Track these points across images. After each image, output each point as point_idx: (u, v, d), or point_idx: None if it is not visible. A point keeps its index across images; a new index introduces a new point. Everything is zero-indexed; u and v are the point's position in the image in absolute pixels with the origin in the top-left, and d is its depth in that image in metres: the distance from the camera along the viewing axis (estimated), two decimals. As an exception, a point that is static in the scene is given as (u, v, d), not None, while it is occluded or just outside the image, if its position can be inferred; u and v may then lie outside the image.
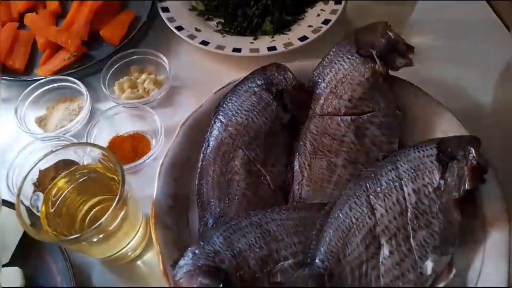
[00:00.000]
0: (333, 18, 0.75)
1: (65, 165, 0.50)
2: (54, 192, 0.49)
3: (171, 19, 0.77)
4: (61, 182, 0.49)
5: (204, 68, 0.76)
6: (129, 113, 0.67)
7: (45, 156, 0.47)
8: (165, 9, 0.78)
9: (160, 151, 0.63)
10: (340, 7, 0.76)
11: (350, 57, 0.58)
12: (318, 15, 0.77)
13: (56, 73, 0.71)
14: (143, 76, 0.70)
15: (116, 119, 0.67)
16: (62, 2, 0.83)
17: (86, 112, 0.67)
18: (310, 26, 0.75)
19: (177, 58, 0.77)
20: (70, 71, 0.70)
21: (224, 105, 0.58)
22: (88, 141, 0.64)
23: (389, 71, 0.57)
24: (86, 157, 0.51)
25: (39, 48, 0.76)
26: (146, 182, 0.57)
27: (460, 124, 0.55)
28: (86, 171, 0.51)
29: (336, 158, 0.54)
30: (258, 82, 0.59)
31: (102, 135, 0.66)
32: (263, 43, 0.74)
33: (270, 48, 0.72)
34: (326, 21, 0.75)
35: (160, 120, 0.64)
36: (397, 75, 0.59)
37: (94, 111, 0.70)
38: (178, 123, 0.59)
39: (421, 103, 0.58)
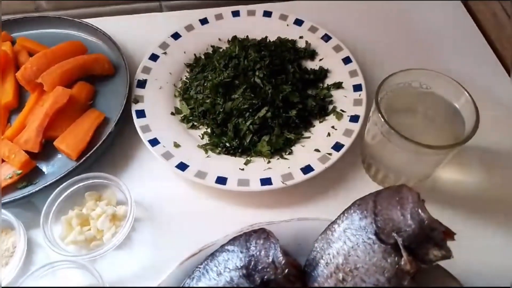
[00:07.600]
0: (347, 142, 0.59)
1: None
2: None
3: (145, 128, 0.62)
4: None
5: (180, 194, 0.60)
6: (72, 264, 0.52)
7: None
8: (141, 113, 0.64)
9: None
10: (356, 128, 0.61)
11: (366, 240, 0.42)
12: (329, 134, 0.61)
13: (-8, 196, 0.57)
14: (98, 210, 0.55)
15: (56, 271, 0.51)
16: (21, 92, 0.69)
17: (18, 259, 0.52)
18: (317, 150, 0.59)
19: (148, 175, 0.62)
20: (8, 199, 0.55)
21: (187, 291, 0.43)
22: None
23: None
24: None
25: (-20, 158, 0.61)
26: None
27: None
28: None
29: None
30: (237, 263, 0.43)
31: (36, 292, 0.51)
32: (255, 171, 0.58)
33: (264, 181, 0.57)
34: (337, 146, 0.59)
35: (108, 277, 0.49)
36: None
37: (32, 253, 0.55)
38: (131, 277, 0.48)
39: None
